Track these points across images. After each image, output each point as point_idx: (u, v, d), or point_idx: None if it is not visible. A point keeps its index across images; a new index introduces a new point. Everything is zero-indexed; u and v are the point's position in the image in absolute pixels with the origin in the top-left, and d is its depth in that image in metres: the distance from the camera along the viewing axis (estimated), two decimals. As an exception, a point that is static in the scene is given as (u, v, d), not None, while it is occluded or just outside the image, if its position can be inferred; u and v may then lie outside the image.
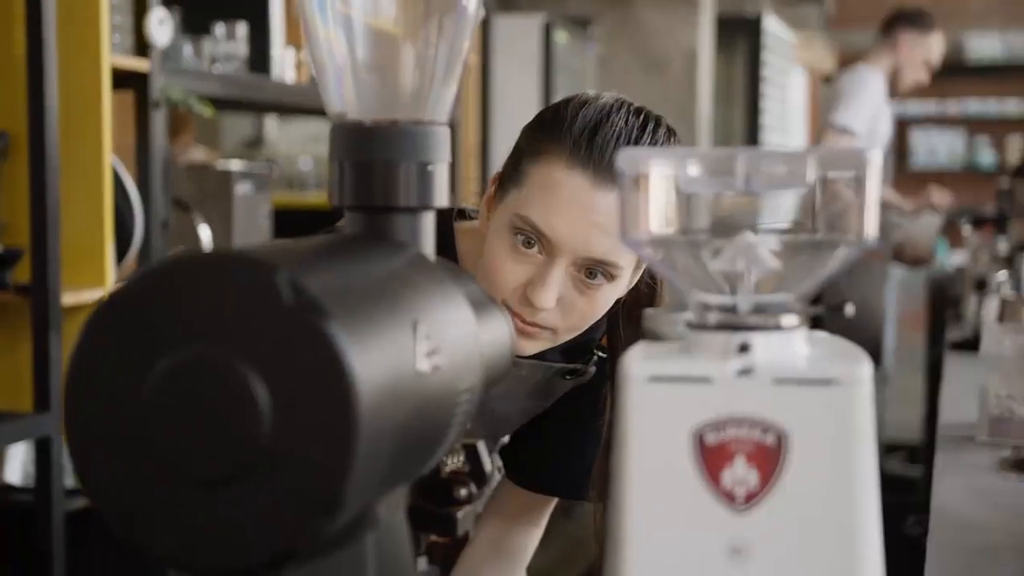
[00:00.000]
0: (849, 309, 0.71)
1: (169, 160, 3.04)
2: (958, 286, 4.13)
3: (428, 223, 0.79)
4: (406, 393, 0.64)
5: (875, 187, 0.67)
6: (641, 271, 1.35)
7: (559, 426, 1.47)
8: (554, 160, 1.25)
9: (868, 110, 4.26)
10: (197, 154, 4.11)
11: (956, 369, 2.61)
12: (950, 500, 1.56)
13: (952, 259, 6.43)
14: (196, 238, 2.84)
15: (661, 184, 0.69)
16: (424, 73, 0.79)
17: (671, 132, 1.32)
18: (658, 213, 0.70)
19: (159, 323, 0.60)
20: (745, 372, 0.66)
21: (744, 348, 0.67)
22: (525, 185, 1.26)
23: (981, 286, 3.15)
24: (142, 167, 2.61)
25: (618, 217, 0.70)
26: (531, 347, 1.30)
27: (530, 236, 1.25)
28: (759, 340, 0.67)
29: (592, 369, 1.43)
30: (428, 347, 0.68)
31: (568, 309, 1.27)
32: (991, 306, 2.84)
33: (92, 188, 2.42)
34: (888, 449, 5.40)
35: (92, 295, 2.41)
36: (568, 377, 1.43)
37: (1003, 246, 4.13)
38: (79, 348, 0.61)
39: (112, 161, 2.47)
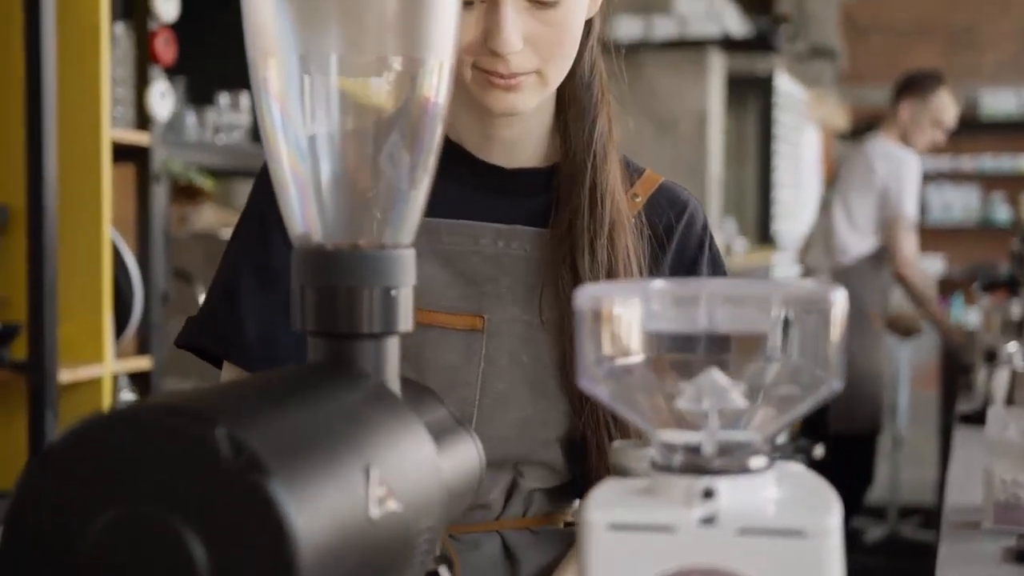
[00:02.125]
0: (818, 451, 0.68)
1: (177, 226, 3.04)
2: (969, 353, 4.09)
3: (392, 349, 0.77)
4: (356, 544, 0.62)
5: (839, 327, 0.65)
6: None
7: None
8: None
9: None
10: (208, 215, 4.11)
11: (965, 445, 2.57)
12: (952, 594, 1.52)
13: (967, 317, 6.39)
14: (198, 309, 2.82)
15: (622, 320, 0.67)
16: (388, 194, 0.78)
17: None
18: (619, 350, 0.68)
19: (94, 480, 0.58)
20: (708, 521, 0.64)
21: (708, 494, 0.65)
22: None
23: (991, 357, 3.11)
24: (142, 240, 2.61)
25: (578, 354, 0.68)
26: (524, 100, 1.19)
27: None
28: (724, 485, 0.65)
29: None
30: (382, 492, 0.65)
31: (540, 44, 1.16)
32: (1001, 379, 2.81)
33: (91, 263, 2.42)
34: (903, 514, 5.34)
35: (90, 372, 2.40)
36: None
37: (1016, 310, 4.10)
38: (14, 506, 0.59)
39: (112, 235, 2.47)
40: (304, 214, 0.77)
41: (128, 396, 2.73)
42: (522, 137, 1.27)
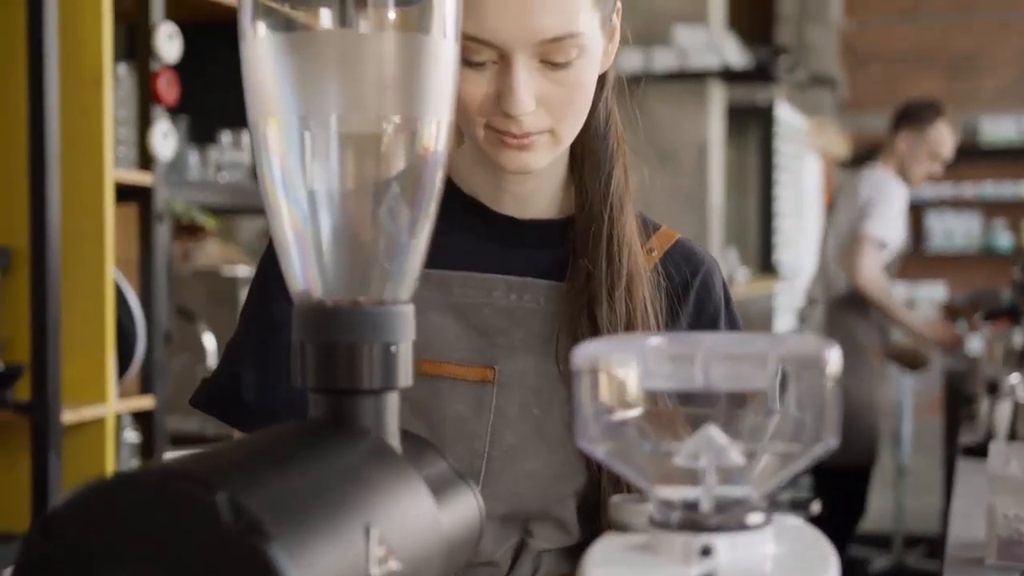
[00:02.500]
0: (815, 507, 0.69)
1: (180, 261, 3.05)
2: (971, 383, 4.09)
3: (392, 405, 0.77)
4: (357, 604, 0.63)
5: (835, 384, 0.66)
6: (615, 39, 1.24)
7: None
8: None
9: (898, 221, 4.27)
10: (212, 250, 4.12)
11: (968, 478, 2.56)
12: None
13: (971, 344, 6.37)
14: (201, 347, 2.83)
15: (619, 378, 0.68)
16: (388, 249, 0.78)
17: None
18: (616, 408, 0.68)
19: (97, 545, 0.59)
20: (706, 579, 0.64)
21: (706, 551, 0.65)
22: None
23: (993, 389, 3.11)
24: (145, 279, 2.62)
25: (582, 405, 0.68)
26: (537, 158, 1.18)
27: (474, 52, 1.13)
28: (722, 542, 0.65)
29: None
30: (382, 551, 0.66)
31: (552, 104, 1.16)
32: (1003, 411, 2.81)
33: (94, 303, 2.43)
34: (908, 543, 5.32)
35: (93, 412, 2.40)
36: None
37: (1019, 339, 4.10)
38: (17, 572, 0.60)
39: (114, 275, 2.48)
40: (304, 271, 0.77)
41: (131, 435, 2.74)
42: (536, 190, 1.27)
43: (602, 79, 1.25)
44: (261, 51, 0.76)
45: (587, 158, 1.27)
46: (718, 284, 1.31)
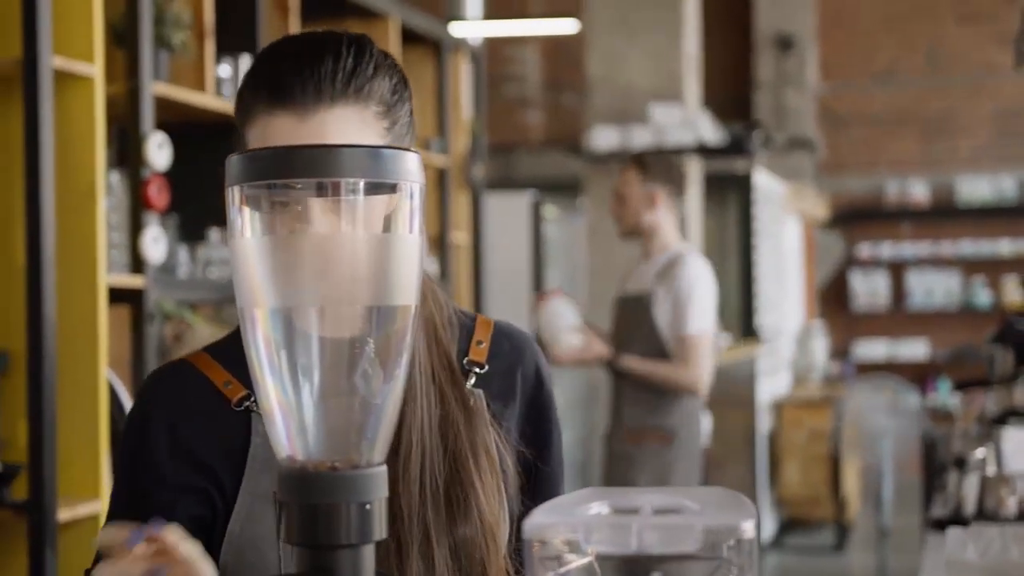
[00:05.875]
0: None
1: (172, 343, 3.13)
2: (945, 449, 4.18)
3: (368, 555, 0.87)
4: None
5: (754, 551, 0.75)
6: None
7: None
8: (258, 111, 1.19)
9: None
10: (202, 332, 4.19)
11: (936, 553, 2.63)
12: None
13: (952, 399, 6.44)
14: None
15: (565, 545, 0.78)
16: (363, 418, 0.88)
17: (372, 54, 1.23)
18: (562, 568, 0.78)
19: None
20: None
21: None
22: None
23: (960, 463, 3.19)
24: (137, 377, 2.71)
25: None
26: None
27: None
28: None
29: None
30: None
31: None
32: (971, 485, 2.89)
33: (88, 403, 2.51)
34: (891, 607, 5.40)
35: (88, 509, 2.48)
36: None
37: (991, 407, 4.18)
38: None
39: (108, 375, 2.57)
40: (288, 438, 0.87)
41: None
42: None
43: None
44: (248, 250, 0.86)
45: None
46: (543, 362, 1.38)
